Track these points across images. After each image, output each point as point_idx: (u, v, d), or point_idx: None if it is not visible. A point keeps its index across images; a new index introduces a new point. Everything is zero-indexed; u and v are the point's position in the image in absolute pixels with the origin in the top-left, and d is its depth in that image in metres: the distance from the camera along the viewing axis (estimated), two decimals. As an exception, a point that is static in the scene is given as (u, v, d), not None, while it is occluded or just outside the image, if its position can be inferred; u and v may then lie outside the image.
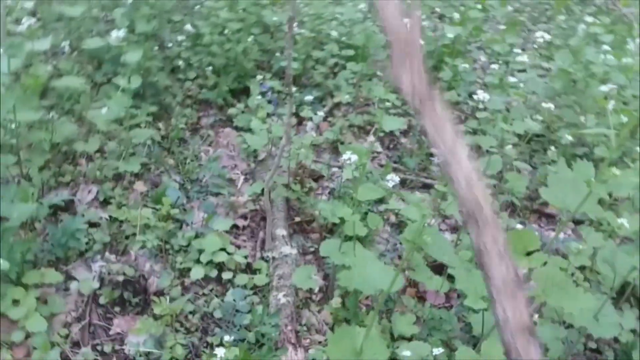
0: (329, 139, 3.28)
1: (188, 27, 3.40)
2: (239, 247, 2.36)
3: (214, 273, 2.20)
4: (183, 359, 1.79)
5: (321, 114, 3.37)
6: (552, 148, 2.80)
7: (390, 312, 2.21)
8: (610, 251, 1.80)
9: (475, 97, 2.79)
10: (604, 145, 2.48)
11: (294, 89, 3.06)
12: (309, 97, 3.43)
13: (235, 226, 2.52)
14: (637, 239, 2.09)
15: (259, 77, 3.34)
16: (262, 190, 2.66)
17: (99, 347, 1.89)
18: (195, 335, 1.96)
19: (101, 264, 2.13)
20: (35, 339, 1.77)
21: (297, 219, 2.68)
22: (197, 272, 2.15)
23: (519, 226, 2.31)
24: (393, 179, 2.18)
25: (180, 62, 3.29)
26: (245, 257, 2.30)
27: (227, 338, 1.69)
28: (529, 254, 1.60)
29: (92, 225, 2.27)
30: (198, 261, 2.20)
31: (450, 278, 2.01)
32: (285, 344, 1.96)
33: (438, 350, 1.74)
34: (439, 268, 2.25)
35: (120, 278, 2.08)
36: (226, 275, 2.20)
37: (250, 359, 1.80)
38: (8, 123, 2.18)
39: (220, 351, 1.55)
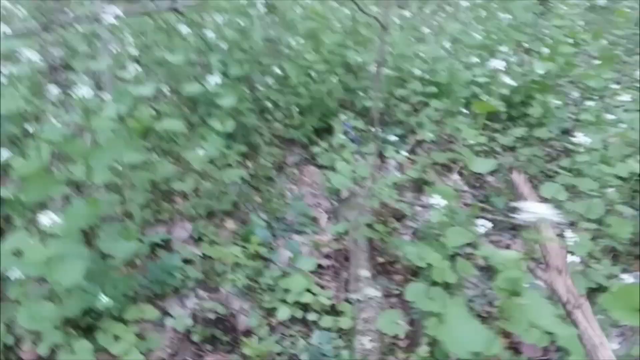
0: (412, 178, 3.25)
1: (276, 69, 3.55)
2: (323, 287, 2.37)
3: (299, 314, 2.21)
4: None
5: (404, 152, 3.36)
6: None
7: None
8: None
9: (572, 138, 2.67)
10: None
11: (376, 126, 3.08)
12: (391, 136, 3.45)
13: (319, 266, 2.54)
14: None
15: (343, 116, 3.40)
16: (346, 229, 2.67)
17: (191, 384, 1.95)
18: (283, 377, 1.97)
19: (194, 301, 2.22)
20: (133, 374, 1.85)
21: (381, 259, 2.66)
22: (283, 313, 2.18)
23: (625, 276, 2.15)
24: (484, 224, 2.11)
25: (269, 103, 3.42)
26: (330, 298, 2.30)
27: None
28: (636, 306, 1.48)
29: (186, 261, 2.37)
30: (284, 301, 2.23)
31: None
32: (371, 391, 1.92)
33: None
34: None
35: (212, 315, 2.16)
36: (311, 317, 2.21)
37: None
38: (115, 164, 2.36)
39: None
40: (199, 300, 2.21)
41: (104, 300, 1.89)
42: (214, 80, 2.78)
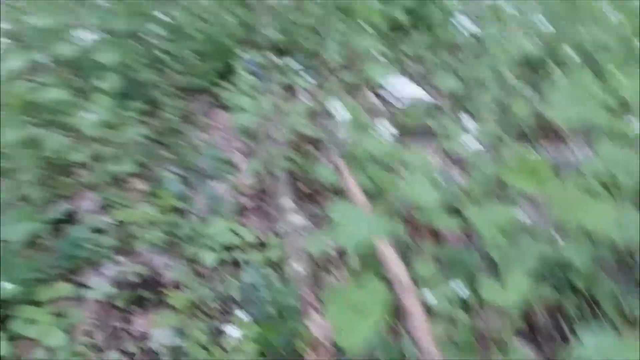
0: (323, 102, 3.19)
1: (165, 17, 3.32)
2: (248, 226, 2.32)
3: (227, 256, 2.16)
4: (206, 345, 1.76)
5: (312, 79, 3.29)
6: (553, 65, 2.65)
7: (409, 258, 2.14)
8: (624, 156, 1.69)
9: (467, 29, 2.67)
10: (604, 50, 2.33)
11: (280, 58, 2.98)
12: (297, 65, 3.35)
13: (242, 207, 2.48)
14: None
15: (245, 55, 3.25)
16: (264, 166, 2.61)
17: (124, 349, 1.88)
18: (217, 319, 1.94)
19: (113, 268, 2.12)
20: (57, 353, 1.76)
21: (304, 188, 2.63)
22: (209, 259, 2.12)
23: (530, 152, 2.21)
24: (387, 127, 2.10)
25: (162, 54, 3.22)
26: (256, 235, 2.26)
27: (243, 317, 1.65)
28: (538, 177, 1.52)
29: (98, 232, 2.25)
30: (209, 247, 2.17)
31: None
32: (308, 311, 1.93)
33: (460, 288, 1.67)
34: (454, 208, 2.17)
35: (134, 278, 2.07)
36: (239, 256, 2.16)
37: (274, 332, 1.77)
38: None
39: (234, 332, 1.52)
40: (117, 266, 2.11)
41: (9, 288, 1.78)
42: (88, 37, 2.57)
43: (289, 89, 3.24)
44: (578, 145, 2.72)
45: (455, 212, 2.11)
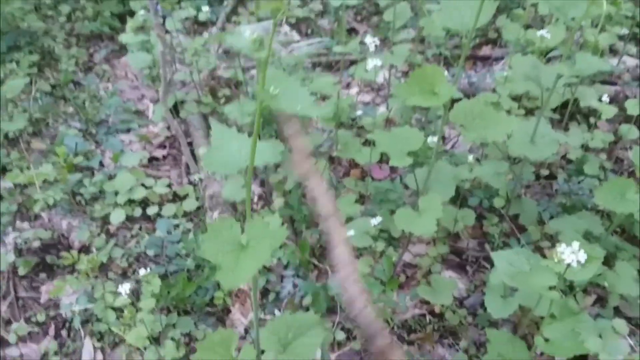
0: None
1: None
2: (159, 178, 2.17)
3: (138, 212, 2.03)
4: (117, 306, 1.65)
5: (223, 14, 3.07)
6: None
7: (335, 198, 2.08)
8: (532, 66, 1.63)
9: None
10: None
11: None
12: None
13: (153, 158, 2.32)
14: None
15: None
16: (172, 112, 2.43)
17: (33, 319, 1.75)
18: (132, 278, 1.83)
19: (14, 235, 1.94)
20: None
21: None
22: (117, 216, 1.98)
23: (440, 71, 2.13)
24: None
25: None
26: (168, 185, 2.12)
27: (142, 272, 1.54)
28: (440, 95, 1.43)
29: (-3, 198, 2.06)
30: (116, 204, 2.02)
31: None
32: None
33: (376, 220, 1.62)
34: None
35: (37, 244, 1.91)
36: (152, 210, 2.03)
37: (188, 286, 1.69)
38: None
39: (124, 287, 1.42)
40: (18, 233, 1.93)
41: None
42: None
43: (201, 26, 3.02)
44: (502, 68, 2.68)
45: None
